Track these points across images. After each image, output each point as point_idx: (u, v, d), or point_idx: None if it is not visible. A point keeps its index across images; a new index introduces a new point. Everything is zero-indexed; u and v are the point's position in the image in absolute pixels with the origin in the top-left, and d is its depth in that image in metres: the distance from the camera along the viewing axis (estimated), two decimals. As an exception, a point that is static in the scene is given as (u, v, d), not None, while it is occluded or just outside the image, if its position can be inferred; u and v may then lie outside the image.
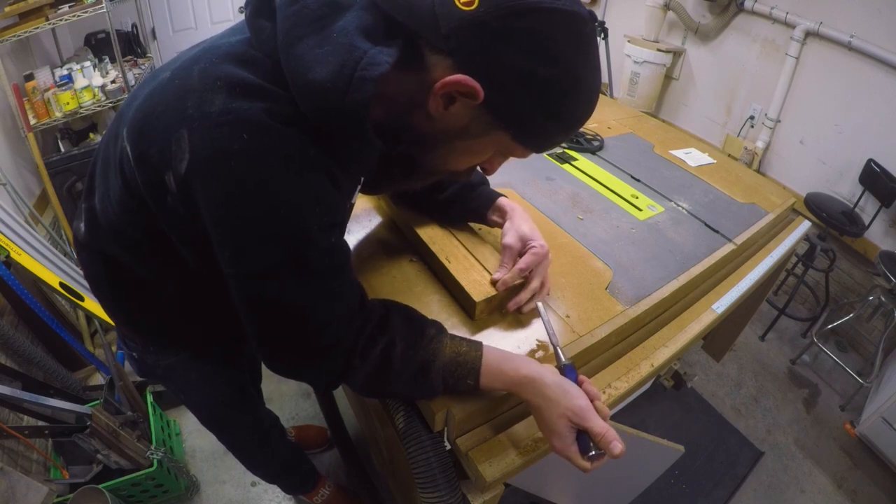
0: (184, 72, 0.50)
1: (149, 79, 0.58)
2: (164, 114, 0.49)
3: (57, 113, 2.23)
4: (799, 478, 1.71)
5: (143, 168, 0.52)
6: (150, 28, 3.28)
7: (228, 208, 0.48)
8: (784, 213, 1.22)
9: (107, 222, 0.64)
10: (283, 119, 0.47)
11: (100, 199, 0.65)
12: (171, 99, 0.49)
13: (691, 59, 3.02)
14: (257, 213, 0.48)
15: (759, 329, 2.35)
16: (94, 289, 0.78)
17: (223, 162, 0.46)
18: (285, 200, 0.48)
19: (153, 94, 0.52)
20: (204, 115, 0.46)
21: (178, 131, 0.47)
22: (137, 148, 0.52)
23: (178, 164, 0.47)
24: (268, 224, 0.48)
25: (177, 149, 0.47)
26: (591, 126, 1.44)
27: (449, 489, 0.67)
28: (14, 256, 1.49)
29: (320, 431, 1.66)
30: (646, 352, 0.81)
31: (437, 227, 0.91)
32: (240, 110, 0.46)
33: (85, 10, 2.21)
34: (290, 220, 0.49)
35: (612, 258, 0.93)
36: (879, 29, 2.07)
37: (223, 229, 0.49)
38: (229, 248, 0.51)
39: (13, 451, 1.27)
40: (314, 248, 0.52)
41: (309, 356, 0.59)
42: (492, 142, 0.54)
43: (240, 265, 0.51)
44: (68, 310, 1.78)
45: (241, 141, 0.45)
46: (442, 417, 0.65)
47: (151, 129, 0.50)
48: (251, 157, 0.46)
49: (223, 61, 0.49)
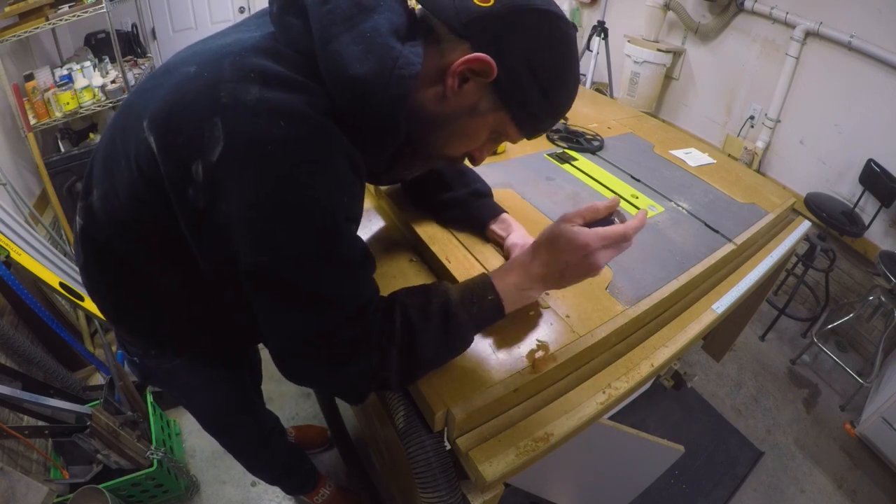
0: (213, 65, 0.52)
1: (162, 73, 0.58)
2: (195, 103, 0.50)
3: (57, 113, 2.23)
4: (799, 478, 1.72)
5: (168, 158, 0.52)
6: (150, 28, 3.28)
7: (266, 193, 0.48)
8: (784, 213, 1.22)
9: (109, 219, 0.63)
10: (320, 110, 0.50)
11: (101, 196, 0.63)
12: (203, 89, 0.50)
13: (691, 59, 3.02)
14: (294, 198, 0.49)
15: (759, 329, 2.35)
16: (92, 289, 0.76)
17: (261, 147, 0.47)
18: (321, 188, 0.49)
19: (180, 86, 0.52)
20: (238, 104, 0.48)
21: (210, 119, 0.48)
22: (163, 138, 0.52)
23: (210, 152, 0.48)
24: (303, 210, 0.49)
25: (209, 136, 0.47)
26: (591, 126, 1.44)
27: (449, 489, 0.67)
28: (14, 256, 1.49)
29: (320, 431, 1.66)
30: (646, 352, 0.81)
31: (437, 227, 0.91)
32: (277, 100, 0.48)
33: (85, 10, 2.21)
34: (325, 208, 0.51)
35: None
36: (879, 29, 2.07)
37: (258, 213, 0.49)
38: (264, 233, 0.50)
39: (13, 451, 1.27)
40: (342, 238, 0.54)
41: (340, 359, 0.57)
42: (493, 121, 0.60)
43: (273, 251, 0.50)
44: (68, 310, 1.78)
45: (279, 128, 0.47)
46: (442, 417, 0.65)
47: (180, 119, 0.50)
48: (290, 143, 0.47)
49: (253, 55, 0.52)
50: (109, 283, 0.73)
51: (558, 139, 1.36)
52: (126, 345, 0.85)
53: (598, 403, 0.71)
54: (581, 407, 0.71)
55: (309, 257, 0.52)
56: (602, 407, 0.71)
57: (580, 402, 0.71)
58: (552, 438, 0.66)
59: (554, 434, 0.67)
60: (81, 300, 1.64)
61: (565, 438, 0.67)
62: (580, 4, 3.77)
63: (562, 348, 0.73)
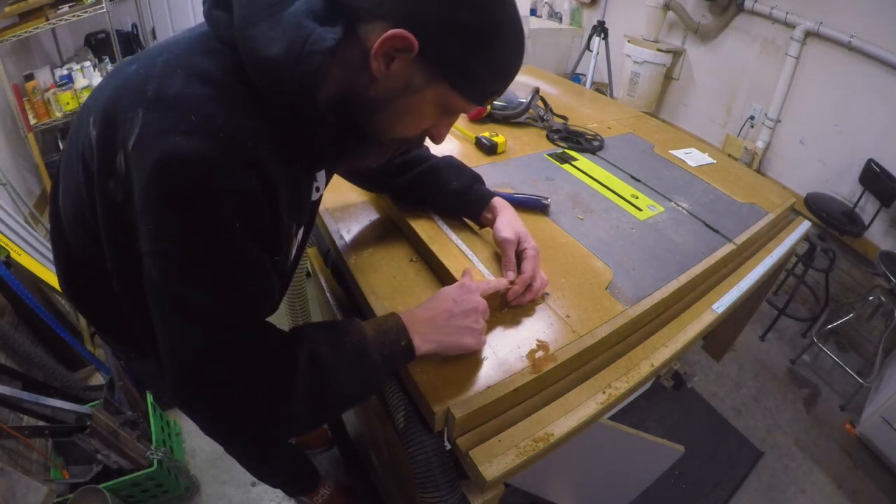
0: (149, 62, 0.53)
1: (115, 72, 0.59)
2: (126, 97, 0.51)
3: (57, 113, 2.23)
4: (799, 478, 1.72)
5: (100, 150, 0.53)
6: (150, 28, 3.28)
7: (158, 181, 0.47)
8: (784, 213, 1.22)
9: (67, 218, 0.64)
10: (233, 108, 0.50)
11: (62, 195, 0.65)
12: (135, 84, 0.52)
13: (691, 59, 3.02)
14: (186, 191, 0.48)
15: (759, 329, 2.35)
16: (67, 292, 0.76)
17: (167, 138, 0.47)
18: (217, 188, 0.48)
19: (120, 84, 0.54)
20: (160, 97, 0.49)
21: (135, 111, 0.49)
22: (100, 132, 0.53)
23: (128, 141, 0.49)
24: (194, 203, 0.48)
25: (130, 126, 0.49)
26: (591, 126, 1.44)
27: (449, 489, 0.67)
28: (14, 256, 1.49)
29: (320, 431, 1.66)
30: (646, 352, 0.81)
31: (436, 226, 0.91)
32: (194, 95, 0.49)
33: (85, 10, 2.22)
34: (217, 209, 0.49)
35: (612, 258, 0.93)
36: (879, 29, 2.07)
37: (149, 202, 0.48)
38: (151, 222, 0.49)
39: (13, 451, 1.27)
40: (232, 247, 0.51)
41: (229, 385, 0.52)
42: (434, 95, 0.57)
43: (157, 241, 0.49)
44: (68, 310, 1.78)
45: (188, 123, 0.47)
46: (442, 417, 0.65)
47: (114, 113, 0.52)
48: (193, 138, 0.47)
49: (186, 52, 0.53)
50: (79, 286, 0.72)
51: (558, 139, 1.36)
52: (112, 347, 0.84)
53: (598, 403, 0.71)
54: (581, 407, 0.71)
55: (194, 257, 0.50)
56: (602, 407, 0.71)
57: (580, 402, 0.71)
58: (552, 438, 0.66)
59: (554, 434, 0.67)
60: (81, 300, 1.64)
61: (565, 438, 0.67)
62: (580, 4, 3.77)
63: (562, 348, 0.73)
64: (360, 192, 1.05)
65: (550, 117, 1.44)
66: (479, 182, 0.92)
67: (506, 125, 1.42)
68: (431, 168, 0.91)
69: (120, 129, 0.50)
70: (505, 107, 1.41)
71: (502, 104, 1.41)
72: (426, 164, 0.91)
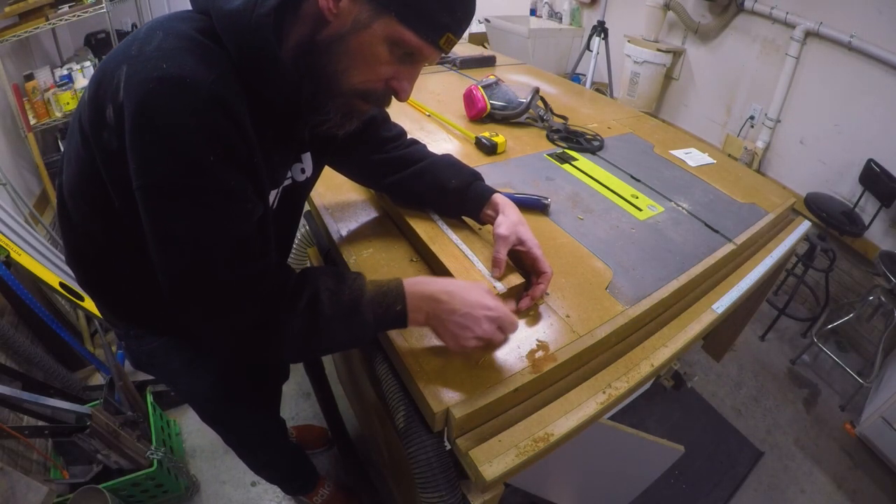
0: (138, 32, 0.60)
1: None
2: (114, 59, 0.57)
3: (57, 113, 2.23)
4: (799, 478, 1.72)
5: (92, 107, 0.58)
6: (150, 28, 3.28)
7: (139, 123, 0.53)
8: (784, 213, 1.22)
9: (69, 189, 0.68)
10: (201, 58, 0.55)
11: (65, 167, 0.69)
12: (122, 48, 0.58)
13: (691, 59, 3.02)
14: (161, 129, 0.53)
15: (759, 329, 2.35)
16: (72, 266, 0.79)
17: (145, 85, 0.52)
18: (186, 123, 0.53)
19: (110, 54, 0.61)
20: (141, 53, 0.55)
21: (120, 67, 0.55)
22: (93, 93, 0.58)
23: (116, 94, 0.54)
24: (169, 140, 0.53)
25: (117, 81, 0.54)
26: (591, 126, 1.44)
27: (449, 489, 0.67)
28: (14, 256, 1.49)
29: (321, 431, 1.66)
30: (646, 352, 0.81)
31: (436, 226, 0.91)
32: (170, 47, 0.55)
33: (85, 10, 2.22)
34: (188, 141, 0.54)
35: (612, 258, 0.93)
36: (879, 29, 2.07)
37: (134, 139, 0.53)
38: (135, 161, 0.54)
39: (13, 451, 1.27)
40: (209, 175, 0.56)
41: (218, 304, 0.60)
42: (382, 30, 0.58)
43: (141, 177, 0.55)
44: (68, 310, 1.78)
45: (161, 70, 0.53)
46: (442, 417, 0.65)
47: (103, 74, 0.57)
48: (164, 83, 0.52)
49: (166, 20, 0.60)
50: (82, 258, 0.76)
51: (558, 139, 1.36)
52: (112, 325, 0.87)
53: (598, 403, 0.71)
54: (581, 407, 0.71)
55: (174, 185, 0.55)
56: (602, 407, 0.71)
57: (580, 402, 0.71)
58: (552, 438, 0.66)
59: (554, 434, 0.66)
60: (81, 300, 1.64)
61: (565, 438, 0.67)
62: (580, 4, 3.77)
63: (562, 348, 0.73)
64: (360, 192, 1.05)
65: (550, 117, 1.44)
66: (479, 179, 0.92)
67: (506, 125, 1.42)
68: (429, 165, 0.91)
69: (108, 85, 0.55)
70: (505, 107, 1.41)
71: (502, 104, 1.41)
72: (424, 162, 0.91)
